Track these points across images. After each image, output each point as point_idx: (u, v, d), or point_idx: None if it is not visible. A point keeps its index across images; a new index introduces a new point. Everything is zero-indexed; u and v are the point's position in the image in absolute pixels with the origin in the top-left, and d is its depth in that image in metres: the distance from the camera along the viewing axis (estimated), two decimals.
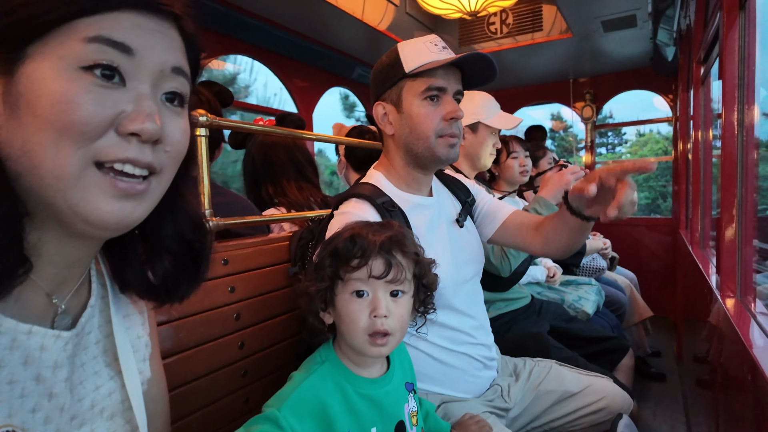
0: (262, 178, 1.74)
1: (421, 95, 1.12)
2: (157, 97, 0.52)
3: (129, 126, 0.48)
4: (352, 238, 0.80)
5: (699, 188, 2.46)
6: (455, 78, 1.14)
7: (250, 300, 1.19)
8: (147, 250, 0.64)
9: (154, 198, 0.54)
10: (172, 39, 0.54)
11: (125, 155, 0.48)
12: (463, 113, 1.13)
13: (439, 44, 1.14)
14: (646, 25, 3.03)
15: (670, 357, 3.31)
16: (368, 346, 0.79)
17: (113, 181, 0.48)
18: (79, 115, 0.45)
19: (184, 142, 0.56)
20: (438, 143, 1.13)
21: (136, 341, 0.67)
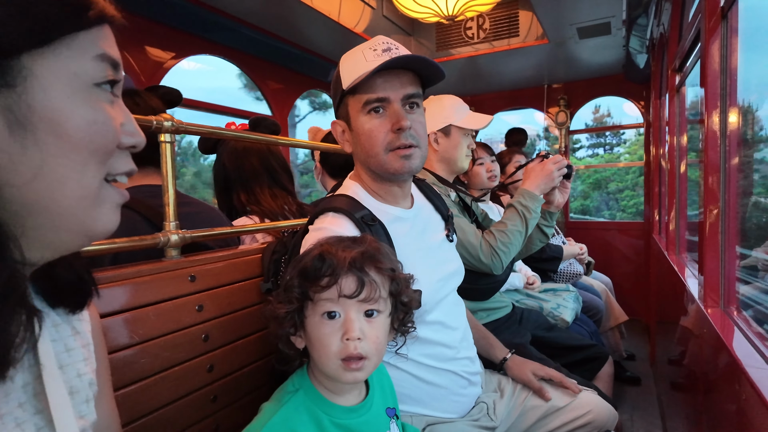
0: (234, 185, 1.65)
1: (363, 110, 1.04)
2: None
3: (131, 140, 0.49)
4: (321, 255, 0.74)
5: (675, 194, 2.49)
6: (403, 81, 1.03)
7: (219, 319, 1.10)
8: None
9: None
10: None
11: (128, 168, 0.50)
12: (408, 123, 1.02)
13: (379, 48, 1.04)
14: (619, 33, 3.07)
15: (644, 360, 3.36)
16: (342, 372, 0.73)
17: (121, 192, 0.50)
18: (110, 137, 0.47)
19: None
20: (389, 158, 1.04)
21: (76, 381, 0.58)
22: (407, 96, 1.04)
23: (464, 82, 4.29)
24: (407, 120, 1.02)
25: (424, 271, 1.01)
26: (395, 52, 1.03)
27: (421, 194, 1.25)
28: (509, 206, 1.64)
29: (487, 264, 1.58)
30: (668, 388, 2.27)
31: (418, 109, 1.08)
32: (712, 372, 1.15)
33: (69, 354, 0.58)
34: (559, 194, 1.72)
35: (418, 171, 1.10)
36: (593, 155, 9.34)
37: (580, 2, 2.59)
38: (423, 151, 1.08)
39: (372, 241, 0.81)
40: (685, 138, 2.32)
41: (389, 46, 1.03)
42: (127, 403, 0.89)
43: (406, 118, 1.02)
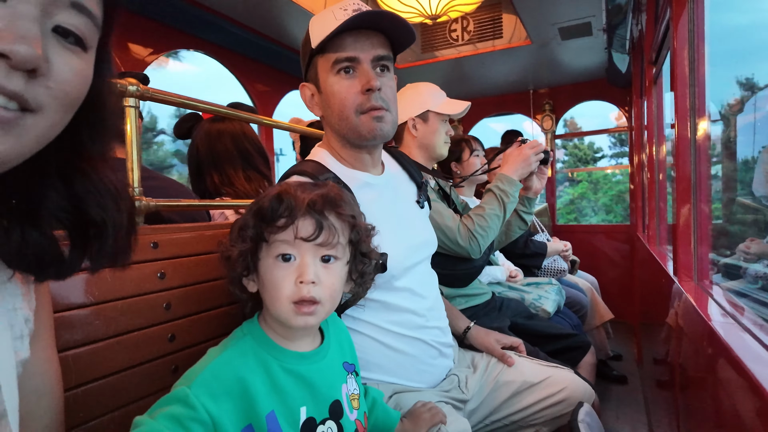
0: (207, 167, 1.63)
1: (332, 70, 1.02)
2: (44, 26, 0.43)
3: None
4: (279, 195, 0.72)
5: (654, 188, 2.51)
6: (373, 42, 1.01)
7: (182, 288, 1.07)
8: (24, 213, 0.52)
9: (29, 138, 0.44)
10: None
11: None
12: (378, 84, 1.00)
13: (350, 8, 1.01)
14: (600, 34, 3.12)
15: (630, 360, 3.34)
16: (293, 316, 0.70)
17: None
18: None
19: (76, 83, 0.46)
20: (361, 121, 1.02)
21: (11, 314, 0.54)
22: (377, 57, 1.02)
23: (449, 86, 4.30)
24: (377, 80, 1.00)
25: (392, 237, 1.00)
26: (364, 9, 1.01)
27: (395, 161, 1.24)
28: (487, 191, 1.64)
29: (465, 247, 1.57)
30: (653, 384, 2.26)
31: (389, 73, 1.06)
32: (687, 341, 1.14)
33: (4, 285, 0.55)
34: (537, 180, 1.72)
35: (390, 136, 1.08)
36: (617, 165, 9.14)
37: (561, 1, 2.63)
38: (393, 116, 1.06)
39: (334, 186, 0.79)
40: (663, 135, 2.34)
41: (360, 7, 1.01)
42: (79, 365, 0.85)
43: (376, 78, 1.00)
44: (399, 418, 0.91)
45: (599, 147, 6.35)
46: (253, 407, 0.67)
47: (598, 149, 5.80)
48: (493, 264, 2.42)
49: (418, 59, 3.68)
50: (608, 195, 8.70)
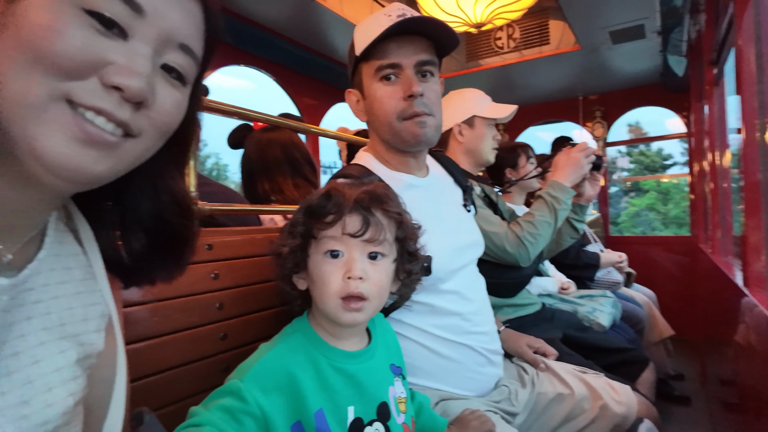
0: (258, 175, 1.69)
1: (375, 77, 1.03)
2: (155, 63, 0.48)
3: (114, 77, 0.44)
4: (327, 193, 0.74)
5: (718, 197, 2.35)
6: (416, 48, 1.01)
7: (234, 289, 1.11)
8: (121, 222, 0.59)
9: (125, 159, 0.49)
10: (192, 15, 0.51)
11: (100, 104, 0.44)
12: (420, 89, 1.00)
13: (394, 13, 1.00)
14: (654, 37, 2.99)
15: (693, 380, 3.12)
16: (341, 311, 0.71)
17: (81, 123, 0.44)
18: (61, 47, 0.42)
19: (174, 114, 0.51)
20: (403, 126, 1.03)
21: (90, 309, 0.59)
22: (420, 62, 1.02)
23: (495, 95, 4.23)
24: (419, 86, 1.00)
25: (437, 239, 0.99)
26: (409, 15, 1.01)
27: (439, 165, 1.23)
28: (537, 197, 1.59)
29: (513, 254, 1.53)
30: (721, 407, 2.09)
31: (433, 77, 1.06)
32: (764, 359, 1.05)
33: (85, 282, 0.59)
34: (589, 186, 1.66)
35: (434, 141, 1.08)
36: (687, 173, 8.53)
37: (611, 4, 2.55)
38: (437, 120, 1.06)
39: (380, 184, 0.80)
40: (726, 140, 2.20)
41: (404, 12, 1.02)
42: (137, 359, 0.89)
43: (418, 84, 1.00)
44: (446, 424, 0.89)
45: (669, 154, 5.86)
46: (303, 404, 0.67)
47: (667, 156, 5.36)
48: (543, 275, 2.34)
49: (462, 68, 3.67)
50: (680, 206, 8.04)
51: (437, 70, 1.08)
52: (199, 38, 0.53)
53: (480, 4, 2.68)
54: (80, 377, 0.54)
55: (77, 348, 0.54)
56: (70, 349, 0.53)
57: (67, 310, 0.55)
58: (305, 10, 2.62)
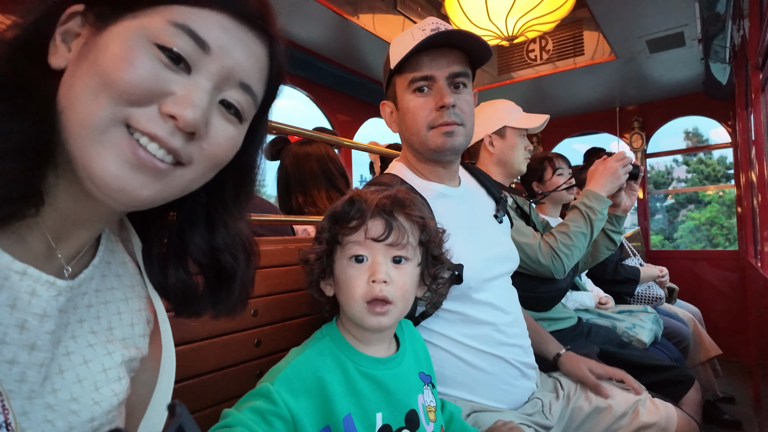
0: (293, 187, 1.74)
1: (409, 89, 1.06)
2: (213, 97, 0.51)
3: (171, 106, 0.47)
4: (351, 199, 0.76)
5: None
6: (449, 60, 1.04)
7: (269, 297, 1.13)
8: (169, 249, 0.62)
9: (173, 186, 0.51)
10: (255, 56, 0.54)
11: (154, 130, 0.47)
12: (451, 100, 1.03)
13: (428, 27, 1.03)
14: (695, 44, 2.91)
15: (745, 404, 2.93)
16: (366, 315, 0.72)
17: (135, 147, 0.47)
18: (128, 75, 0.45)
19: (226, 148, 0.54)
20: (430, 135, 1.05)
21: (136, 314, 0.62)
22: (453, 74, 1.04)
23: (529, 107, 4.18)
24: (450, 97, 1.02)
25: (469, 248, 0.99)
26: (443, 29, 1.03)
27: (472, 177, 1.24)
28: (572, 207, 1.56)
29: (547, 266, 1.50)
30: None
31: (466, 89, 1.08)
32: None
33: (133, 289, 0.62)
34: (626, 196, 1.62)
35: (461, 149, 1.09)
36: None
37: (648, 12, 2.50)
38: (468, 129, 1.08)
39: (403, 189, 0.81)
40: None
41: (438, 26, 1.04)
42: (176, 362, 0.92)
43: (450, 96, 1.02)
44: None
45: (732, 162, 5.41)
46: (331, 408, 0.68)
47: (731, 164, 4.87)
48: (580, 289, 2.27)
49: (494, 81, 3.66)
50: None
51: (470, 82, 1.10)
52: (261, 79, 0.55)
53: (512, 17, 2.68)
54: (124, 378, 0.57)
55: (123, 351, 0.57)
56: (116, 352, 0.56)
57: (116, 315, 0.59)
58: (339, 29, 2.69)
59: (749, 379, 3.20)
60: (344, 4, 2.61)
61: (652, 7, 2.45)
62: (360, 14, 2.73)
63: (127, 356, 0.58)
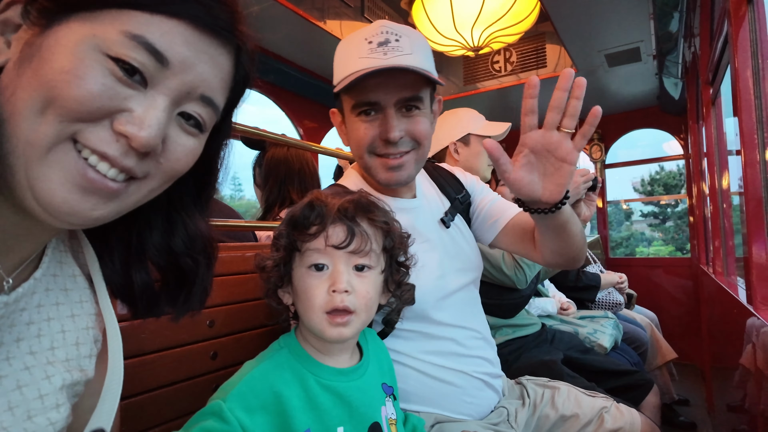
0: (288, 182, 1.75)
1: (353, 111, 0.95)
2: (171, 113, 0.47)
3: (125, 126, 0.43)
4: (311, 203, 0.71)
5: (719, 218, 2.34)
6: (399, 84, 0.91)
7: (226, 306, 1.08)
8: (129, 251, 0.58)
9: (127, 203, 0.48)
10: (219, 68, 0.50)
11: (104, 149, 0.43)
12: (398, 135, 0.92)
13: (375, 40, 0.90)
14: (650, 60, 3.03)
15: (699, 406, 3.04)
16: (327, 326, 0.68)
17: (83, 169, 0.43)
18: (78, 92, 0.41)
19: (183, 161, 0.50)
20: (376, 164, 0.96)
21: (83, 333, 0.56)
22: (403, 100, 0.93)
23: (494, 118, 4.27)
24: (395, 131, 0.92)
25: (422, 266, 0.93)
26: (391, 49, 0.90)
27: (430, 180, 1.18)
28: None
29: (510, 276, 1.51)
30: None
31: (419, 110, 0.96)
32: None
33: (81, 305, 0.57)
34: (585, 207, 1.65)
35: (411, 179, 1.02)
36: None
37: (607, 27, 2.59)
38: (421, 153, 0.99)
39: (366, 194, 0.78)
40: (724, 156, 2.20)
41: (387, 38, 0.91)
42: (125, 377, 0.86)
43: (395, 129, 0.92)
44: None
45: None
46: (289, 424, 0.64)
47: None
48: (542, 295, 2.30)
49: (460, 91, 3.71)
50: None
51: (426, 102, 0.98)
52: (223, 90, 0.52)
53: (477, 27, 2.73)
54: (64, 405, 0.51)
55: (64, 375, 0.51)
56: (57, 375, 0.51)
57: (59, 333, 0.53)
58: (306, 34, 2.65)
59: (703, 382, 3.32)
60: (312, 9, 2.59)
61: (611, 23, 2.54)
62: (327, 20, 2.71)
63: (69, 380, 0.52)
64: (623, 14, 2.45)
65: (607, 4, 2.34)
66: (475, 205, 1.20)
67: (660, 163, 4.15)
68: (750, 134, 1.27)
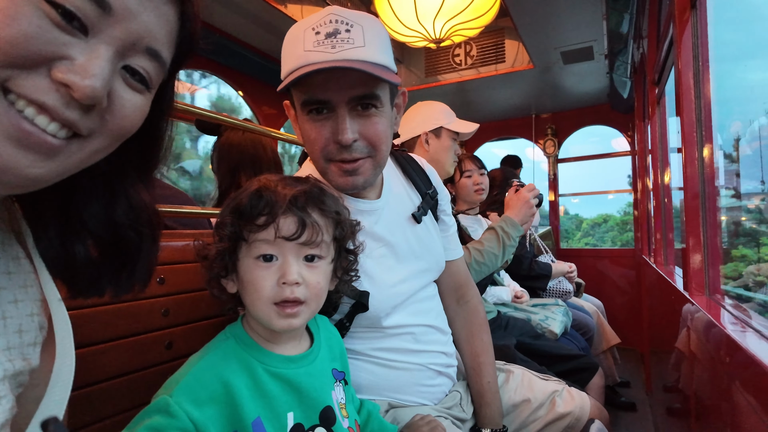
0: (245, 169, 1.69)
1: (303, 109, 0.86)
2: (115, 65, 0.44)
3: (66, 74, 0.40)
4: (258, 191, 0.68)
5: (661, 211, 2.49)
6: (352, 80, 0.81)
7: (181, 295, 1.05)
8: (65, 224, 0.54)
9: (70, 162, 0.44)
10: (165, 20, 0.47)
11: (42, 99, 0.39)
12: (350, 137, 0.83)
13: (323, 30, 0.81)
14: (602, 59, 3.16)
15: (638, 387, 3.24)
16: (275, 317, 0.67)
17: (17, 120, 0.39)
18: (9, 32, 0.37)
19: (132, 118, 0.47)
20: (330, 169, 0.88)
21: (27, 320, 0.52)
22: (357, 98, 0.84)
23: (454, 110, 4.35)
24: (348, 133, 0.84)
25: (379, 273, 0.95)
26: (340, 41, 0.81)
27: (400, 171, 1.14)
28: (490, 228, 1.65)
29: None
30: (664, 412, 2.18)
31: (375, 109, 0.87)
32: (700, 351, 1.10)
33: (26, 290, 0.53)
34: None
35: (370, 183, 0.93)
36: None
37: (563, 24, 2.68)
38: (380, 158, 0.90)
39: (316, 181, 0.77)
40: (666, 153, 2.34)
41: (337, 28, 0.82)
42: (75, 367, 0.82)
43: (348, 131, 0.84)
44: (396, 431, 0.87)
45: None
46: (239, 413, 0.64)
47: None
48: (498, 284, 2.38)
49: (421, 83, 3.73)
50: None
51: (384, 99, 0.88)
52: (170, 44, 0.49)
53: (439, 19, 2.75)
54: (6, 397, 0.48)
55: (6, 365, 0.48)
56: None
57: (0, 320, 0.50)
58: (266, 17, 2.59)
59: (642, 365, 3.55)
60: None
61: (567, 21, 2.63)
62: (288, 4, 2.65)
63: (11, 370, 0.48)
64: (579, 13, 2.54)
65: (563, 3, 2.42)
66: (438, 211, 1.17)
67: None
68: (690, 133, 1.35)
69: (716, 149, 1.31)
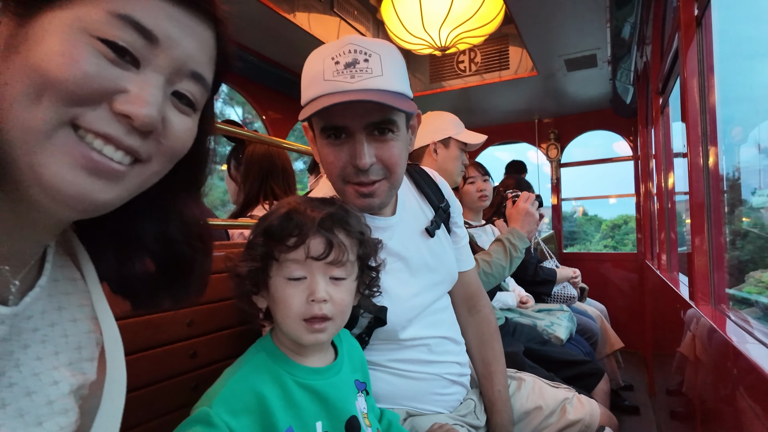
0: (273, 178, 1.80)
1: (321, 134, 0.90)
2: (166, 91, 0.48)
3: (124, 105, 0.44)
4: (288, 214, 0.72)
5: (664, 216, 2.52)
6: (369, 107, 0.84)
7: (203, 306, 1.08)
8: (121, 243, 0.58)
9: (132, 186, 0.48)
10: (204, 43, 0.51)
11: (107, 131, 0.44)
12: (368, 161, 0.87)
13: (342, 60, 0.84)
14: (605, 66, 3.20)
15: (642, 391, 3.27)
16: (304, 333, 0.71)
17: (86, 151, 0.43)
18: (72, 73, 0.41)
19: (184, 140, 0.51)
20: (347, 191, 0.92)
21: (85, 337, 0.56)
22: (374, 123, 0.87)
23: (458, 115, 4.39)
24: (366, 158, 0.87)
25: (395, 287, 0.98)
26: (359, 71, 0.84)
27: (413, 185, 1.17)
28: (497, 240, 1.68)
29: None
30: (668, 415, 2.21)
31: (394, 134, 0.90)
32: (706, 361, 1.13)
33: (82, 309, 0.57)
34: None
35: (386, 204, 0.97)
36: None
37: (567, 33, 2.71)
38: (393, 181, 0.93)
39: (341, 203, 0.80)
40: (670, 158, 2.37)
41: (355, 58, 0.85)
42: None
43: (366, 155, 0.87)
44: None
45: None
46: (272, 422, 0.67)
47: None
48: (504, 290, 2.41)
49: (426, 89, 3.77)
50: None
51: (401, 124, 0.92)
52: (210, 65, 0.53)
53: (445, 28, 2.78)
54: (72, 410, 0.51)
55: (70, 380, 0.52)
56: (63, 381, 0.51)
57: (62, 338, 0.53)
58: (274, 25, 2.63)
59: (645, 368, 3.58)
60: (280, 2, 2.56)
61: (570, 29, 2.67)
62: (296, 12, 2.68)
63: (75, 384, 0.52)
64: (582, 21, 2.58)
65: (568, 12, 2.46)
66: (450, 223, 1.20)
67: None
68: (696, 144, 1.39)
69: (721, 159, 1.35)
